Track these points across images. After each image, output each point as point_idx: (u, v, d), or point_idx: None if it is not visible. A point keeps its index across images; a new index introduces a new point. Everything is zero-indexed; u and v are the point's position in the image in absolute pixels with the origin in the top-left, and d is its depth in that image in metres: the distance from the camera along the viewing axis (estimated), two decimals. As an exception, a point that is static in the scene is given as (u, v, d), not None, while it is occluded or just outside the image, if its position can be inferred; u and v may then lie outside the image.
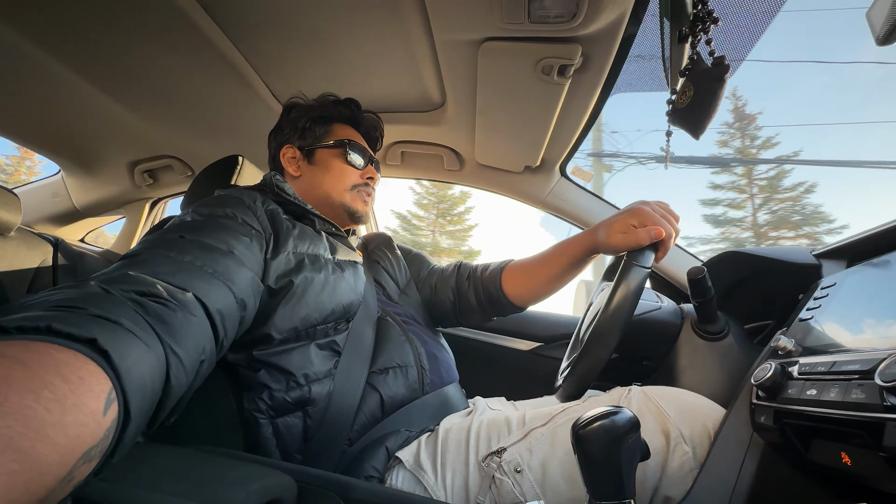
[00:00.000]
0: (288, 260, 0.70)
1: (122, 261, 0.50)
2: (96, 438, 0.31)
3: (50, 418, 0.28)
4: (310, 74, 1.02)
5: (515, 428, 0.65)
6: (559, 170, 1.25)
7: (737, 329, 0.78)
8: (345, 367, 0.71)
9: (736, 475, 0.52)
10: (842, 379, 0.41)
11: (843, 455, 0.41)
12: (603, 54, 0.81)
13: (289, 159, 0.90)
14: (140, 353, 0.37)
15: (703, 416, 0.59)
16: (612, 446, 0.40)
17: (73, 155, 1.38)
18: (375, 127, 0.99)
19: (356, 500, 0.55)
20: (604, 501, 0.40)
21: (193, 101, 1.14)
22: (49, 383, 0.29)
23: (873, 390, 0.37)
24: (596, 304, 0.86)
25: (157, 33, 0.90)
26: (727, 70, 0.63)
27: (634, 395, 0.63)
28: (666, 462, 0.56)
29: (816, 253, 0.70)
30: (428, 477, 0.62)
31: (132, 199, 1.55)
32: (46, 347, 0.32)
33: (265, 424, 0.65)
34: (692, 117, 0.67)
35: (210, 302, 0.51)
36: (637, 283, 0.63)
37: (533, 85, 0.89)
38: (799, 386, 0.47)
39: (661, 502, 0.56)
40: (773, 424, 0.50)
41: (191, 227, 0.60)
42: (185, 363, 0.43)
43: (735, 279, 0.88)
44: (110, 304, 0.39)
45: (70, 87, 1.07)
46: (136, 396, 0.35)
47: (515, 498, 0.58)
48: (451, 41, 0.84)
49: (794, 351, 0.53)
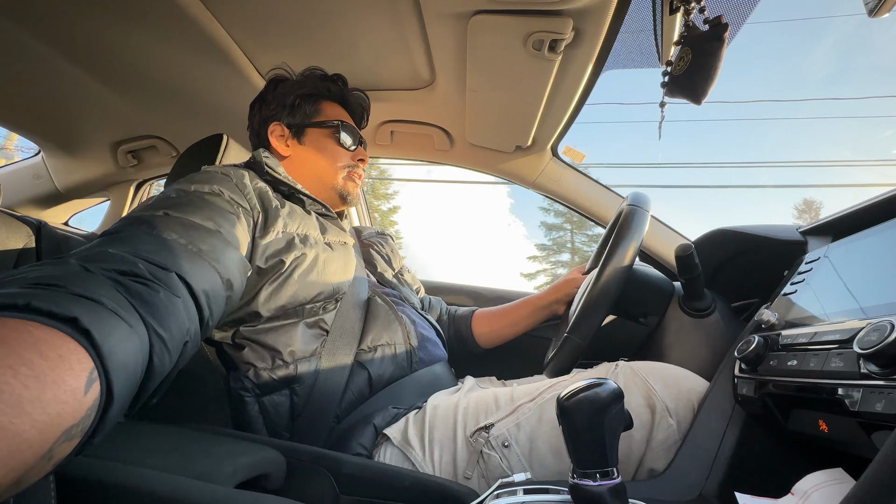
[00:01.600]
0: (278, 239, 0.69)
1: (103, 237, 0.49)
2: (77, 417, 0.30)
3: (28, 394, 0.28)
4: (295, 50, 1.00)
5: (503, 404, 0.66)
6: (550, 150, 1.24)
7: (723, 306, 0.79)
8: (332, 346, 0.71)
9: (717, 446, 0.53)
10: (822, 349, 0.42)
11: (821, 423, 0.42)
12: (595, 28, 0.80)
13: (277, 137, 0.88)
14: (123, 333, 0.37)
15: (687, 390, 0.60)
16: (596, 416, 0.40)
17: (52, 135, 1.34)
18: (362, 105, 0.98)
19: (346, 474, 0.55)
20: (588, 470, 0.40)
21: (176, 79, 1.10)
22: (27, 360, 0.29)
23: (851, 358, 0.38)
24: (585, 283, 0.87)
25: (136, 10, 0.86)
26: (726, 29, 0.62)
27: (621, 370, 0.64)
28: (651, 435, 0.57)
29: (802, 230, 0.70)
30: (416, 453, 0.63)
31: (116, 180, 1.52)
32: (25, 325, 0.31)
33: (251, 403, 0.65)
34: (692, 83, 0.66)
35: (195, 282, 0.50)
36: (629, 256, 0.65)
37: (524, 61, 0.88)
38: (780, 357, 0.48)
39: (645, 474, 0.58)
40: (755, 395, 0.51)
41: (175, 204, 0.58)
42: (168, 345, 0.42)
43: (722, 257, 0.89)
44: (91, 282, 0.38)
45: (48, 66, 1.03)
46: (119, 377, 0.35)
47: (503, 472, 0.59)
48: (441, 14, 0.82)
49: (777, 324, 0.54)
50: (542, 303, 1.03)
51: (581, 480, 0.40)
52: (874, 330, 0.35)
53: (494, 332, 1.06)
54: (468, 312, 1.10)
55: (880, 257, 0.47)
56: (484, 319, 1.08)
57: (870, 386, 0.35)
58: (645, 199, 0.80)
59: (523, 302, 1.06)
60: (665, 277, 0.89)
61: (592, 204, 1.26)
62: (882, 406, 0.33)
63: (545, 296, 1.03)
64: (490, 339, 1.07)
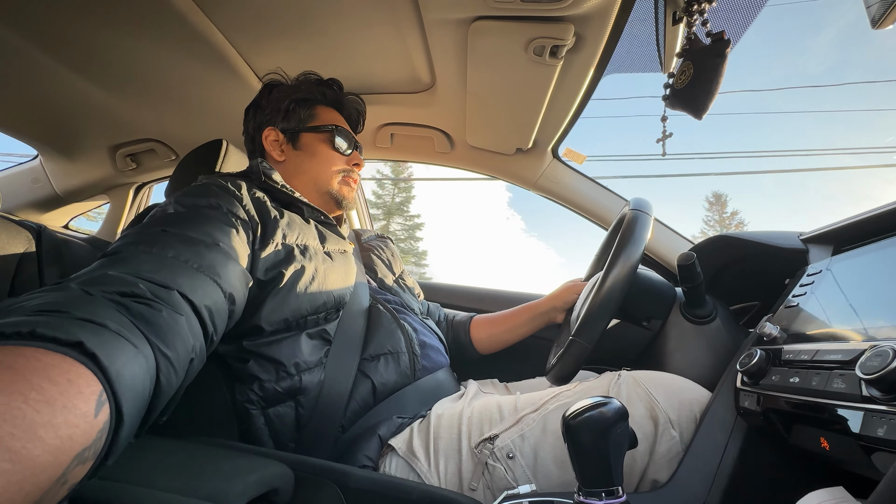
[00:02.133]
0: (277, 251, 0.69)
1: (102, 259, 0.49)
2: (89, 440, 0.31)
3: (40, 419, 0.28)
4: (294, 54, 0.99)
5: (507, 414, 0.67)
6: (551, 152, 1.24)
7: (724, 312, 0.79)
8: (336, 356, 0.72)
9: (720, 458, 0.54)
10: (824, 368, 0.43)
11: (823, 440, 0.43)
12: (596, 35, 0.79)
13: (272, 142, 0.88)
14: (129, 355, 0.37)
15: (690, 401, 0.61)
16: (601, 436, 0.41)
17: (51, 139, 1.33)
18: (358, 110, 0.98)
19: (353, 487, 0.56)
20: (593, 489, 0.41)
21: (173, 82, 1.09)
22: (37, 386, 0.29)
23: (853, 381, 0.38)
24: (587, 288, 0.87)
25: (133, 14, 0.85)
26: (727, 45, 0.62)
27: (624, 381, 0.65)
28: (654, 447, 0.58)
29: (804, 238, 0.70)
30: (421, 464, 0.63)
31: (116, 183, 1.51)
32: (32, 351, 0.31)
33: (257, 415, 0.66)
34: (693, 97, 0.66)
35: (197, 298, 0.50)
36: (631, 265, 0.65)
37: (525, 66, 0.87)
38: (782, 373, 0.48)
39: (648, 486, 0.58)
40: (757, 409, 0.51)
41: (173, 220, 0.58)
42: (174, 363, 0.43)
43: (723, 262, 0.90)
44: (94, 306, 0.38)
45: (45, 70, 1.02)
46: (128, 398, 0.35)
47: (508, 483, 0.59)
48: (441, 20, 0.82)
49: (779, 338, 0.54)
50: (540, 309, 1.03)
51: (586, 499, 0.41)
52: (877, 355, 0.35)
53: (493, 338, 1.07)
54: (466, 318, 1.10)
55: (884, 274, 0.47)
56: (482, 325, 1.08)
57: (871, 410, 0.36)
58: (647, 204, 0.80)
59: (522, 308, 1.06)
60: (667, 282, 0.90)
61: (593, 206, 1.26)
62: (884, 431, 0.34)
63: (544, 303, 1.03)
64: (488, 345, 1.07)
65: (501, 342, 1.07)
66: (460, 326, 1.09)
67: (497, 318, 1.08)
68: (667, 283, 0.89)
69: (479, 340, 1.07)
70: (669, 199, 51.75)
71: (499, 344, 1.07)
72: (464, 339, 1.07)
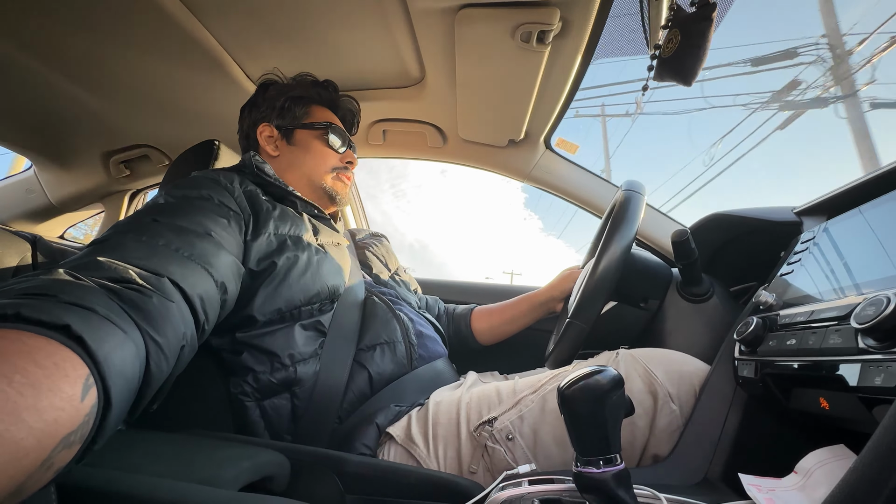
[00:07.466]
0: (269, 242, 0.69)
1: (92, 246, 0.48)
2: (75, 424, 0.30)
3: (24, 402, 0.27)
4: (284, 53, 0.99)
5: (506, 397, 0.66)
6: (544, 142, 1.24)
7: (721, 290, 0.79)
8: (331, 347, 0.71)
9: (720, 429, 0.53)
10: (820, 326, 0.42)
11: (822, 400, 0.42)
12: (582, 18, 0.79)
13: (266, 138, 0.88)
14: (118, 339, 0.36)
15: (689, 375, 0.60)
16: (597, 403, 0.40)
17: (43, 149, 1.34)
18: (352, 111, 0.99)
19: (351, 473, 0.55)
20: (591, 458, 0.40)
21: (166, 87, 1.10)
22: (22, 368, 0.29)
23: (849, 334, 0.38)
24: (583, 273, 0.87)
25: (125, 21, 0.86)
26: (714, 8, 0.62)
27: (622, 358, 0.64)
28: (654, 421, 0.57)
29: (797, 210, 0.70)
30: (420, 450, 0.62)
31: (110, 191, 1.51)
32: (17, 334, 0.31)
33: (252, 407, 0.65)
34: (682, 64, 0.66)
35: (188, 286, 0.49)
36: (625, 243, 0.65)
37: (513, 54, 0.88)
38: (779, 337, 0.48)
39: (649, 461, 0.58)
40: (755, 377, 0.51)
41: (164, 210, 0.58)
42: (164, 350, 0.42)
43: (718, 242, 0.89)
44: (82, 290, 0.38)
45: (36, 79, 1.03)
46: (116, 383, 0.34)
47: (508, 464, 0.58)
48: (427, 10, 0.82)
49: (775, 305, 0.54)
50: (539, 299, 1.03)
51: (584, 468, 0.40)
52: (870, 304, 0.35)
53: (493, 329, 1.07)
54: (467, 310, 1.11)
55: (874, 232, 0.47)
56: (482, 317, 1.08)
57: (868, 360, 0.35)
58: (639, 185, 0.80)
59: (521, 299, 1.06)
60: (663, 262, 0.89)
61: (588, 195, 1.26)
62: (881, 380, 0.33)
63: (543, 293, 1.04)
64: (489, 335, 1.07)
65: (502, 333, 1.07)
66: (461, 318, 1.09)
67: (497, 309, 1.08)
68: (662, 263, 0.88)
69: (480, 331, 1.07)
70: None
71: (499, 334, 1.07)
72: (465, 330, 1.07)
